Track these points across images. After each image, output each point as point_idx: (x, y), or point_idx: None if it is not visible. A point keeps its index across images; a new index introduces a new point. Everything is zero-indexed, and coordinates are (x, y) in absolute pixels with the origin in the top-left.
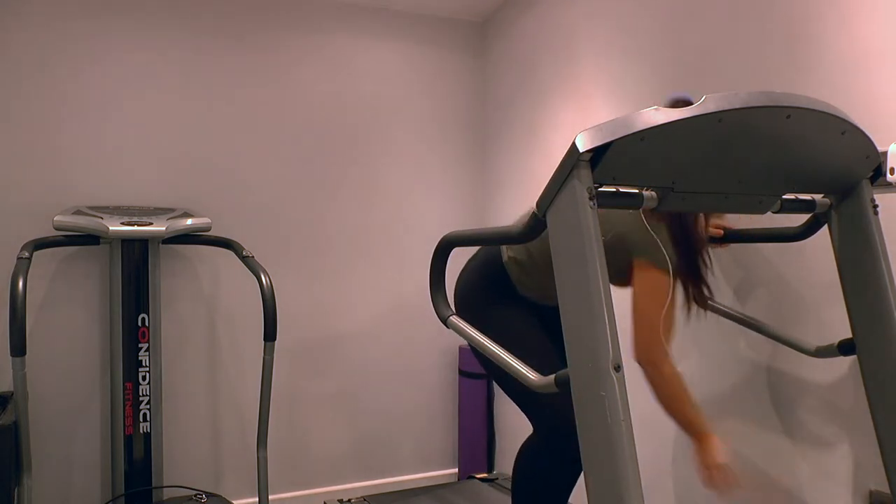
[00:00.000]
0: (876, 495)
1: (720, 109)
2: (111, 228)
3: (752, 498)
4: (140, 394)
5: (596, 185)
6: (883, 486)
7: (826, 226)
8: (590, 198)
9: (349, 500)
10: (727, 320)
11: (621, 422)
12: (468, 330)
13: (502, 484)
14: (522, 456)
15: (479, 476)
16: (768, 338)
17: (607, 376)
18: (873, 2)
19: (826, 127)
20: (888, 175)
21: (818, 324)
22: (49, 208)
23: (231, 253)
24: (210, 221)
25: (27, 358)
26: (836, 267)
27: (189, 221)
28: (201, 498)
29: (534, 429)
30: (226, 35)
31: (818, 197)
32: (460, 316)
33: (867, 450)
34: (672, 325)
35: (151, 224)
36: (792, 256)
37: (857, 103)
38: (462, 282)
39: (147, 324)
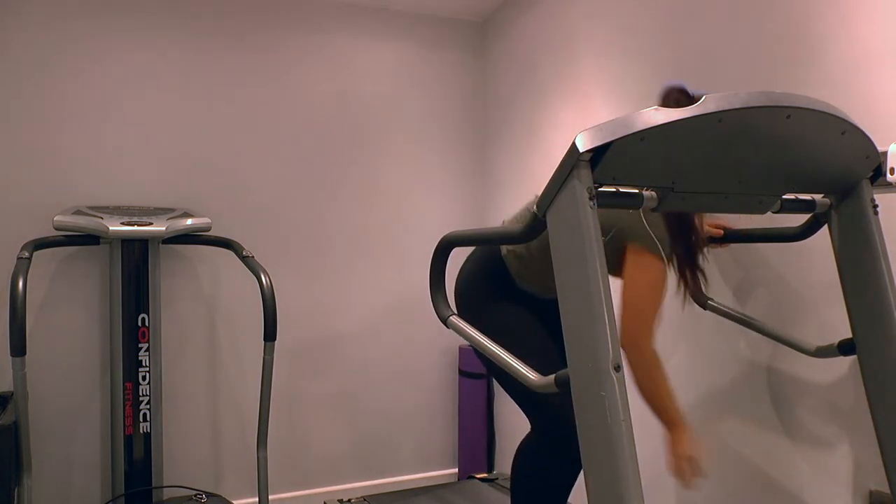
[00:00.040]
0: (876, 495)
1: (720, 109)
2: (111, 228)
3: (753, 498)
4: (140, 394)
5: (596, 185)
6: (883, 486)
7: (826, 226)
8: (590, 198)
9: (349, 500)
10: (727, 320)
11: (621, 422)
12: (468, 330)
13: (502, 484)
14: (521, 455)
15: (479, 476)
16: (768, 338)
17: (607, 376)
18: (873, 2)
19: (826, 127)
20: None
21: (818, 324)
22: (49, 208)
23: (231, 253)
24: (210, 221)
25: (27, 358)
26: (836, 267)
27: (189, 221)
28: (201, 498)
29: (532, 427)
30: (226, 35)
31: (818, 197)
32: (460, 312)
33: (867, 450)
34: (659, 311)
35: (151, 224)
36: (792, 256)
37: (857, 103)
38: (462, 278)
39: (147, 324)
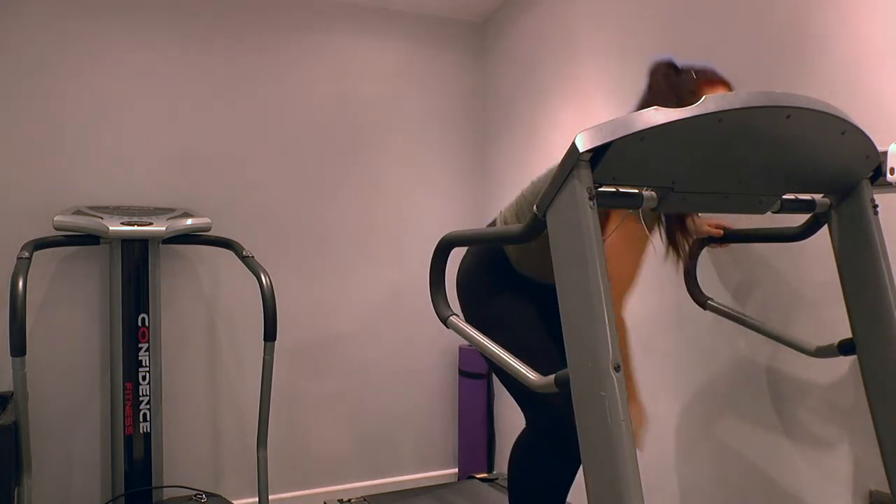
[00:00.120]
0: (876, 495)
1: (720, 109)
2: (111, 228)
3: (753, 498)
4: (140, 394)
5: (596, 185)
6: (883, 486)
7: (826, 226)
8: (590, 198)
9: (349, 500)
10: (727, 320)
11: (621, 422)
12: (468, 330)
13: (502, 484)
14: (517, 454)
15: (479, 476)
16: (768, 338)
17: (607, 376)
18: (874, 1)
19: (826, 127)
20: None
21: (818, 324)
22: (49, 208)
23: (231, 253)
24: (210, 221)
25: (27, 358)
26: (836, 267)
27: (189, 221)
28: (201, 498)
29: (528, 425)
30: (226, 35)
31: (818, 197)
32: (462, 304)
33: (867, 450)
34: (635, 280)
35: (151, 224)
36: (792, 256)
37: (858, 103)
38: (462, 269)
39: (147, 324)
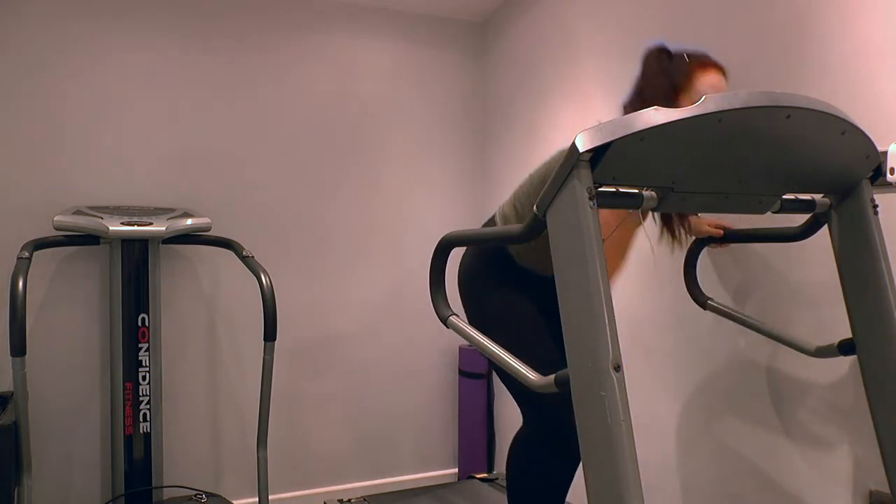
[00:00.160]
0: (876, 495)
1: (720, 109)
2: (111, 228)
3: (753, 498)
4: (140, 394)
5: (596, 185)
6: (883, 486)
7: (826, 226)
8: (590, 198)
9: (349, 500)
10: (727, 320)
11: (621, 422)
12: (468, 330)
13: (502, 484)
14: (515, 453)
15: (479, 476)
16: (768, 338)
17: (607, 376)
18: (874, 1)
19: (826, 127)
20: (888, 175)
21: (818, 324)
22: (49, 208)
23: (231, 253)
24: (210, 221)
25: (27, 358)
26: (836, 267)
27: (189, 221)
28: (201, 498)
29: (525, 423)
30: (226, 35)
31: (818, 197)
32: (462, 299)
33: (867, 450)
34: (621, 266)
35: (151, 224)
36: (792, 256)
37: (858, 103)
38: (463, 264)
39: (147, 324)
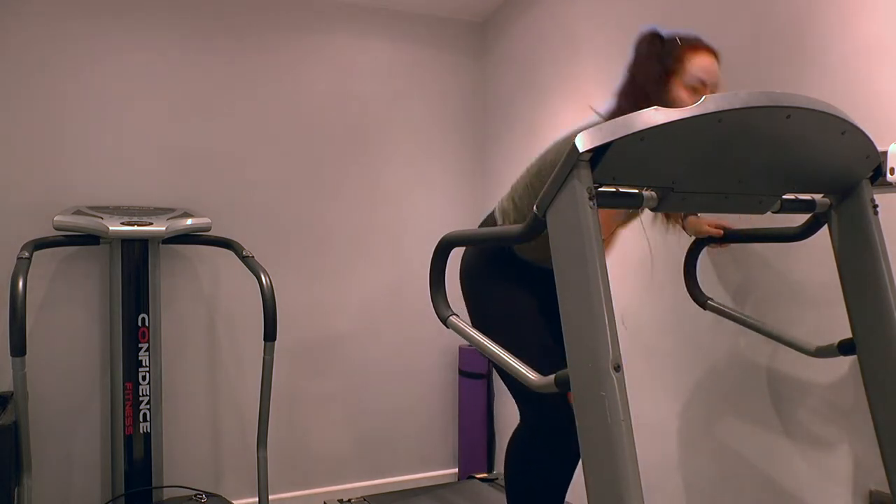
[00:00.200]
0: (876, 495)
1: (720, 109)
2: (111, 228)
3: (753, 498)
4: (140, 394)
5: (596, 185)
6: (883, 486)
7: (826, 226)
8: (590, 198)
9: (349, 500)
10: (727, 320)
11: (621, 422)
12: (468, 330)
13: (502, 484)
14: (512, 451)
15: (479, 476)
16: (768, 338)
17: (607, 376)
18: (874, 1)
19: (826, 127)
20: (888, 175)
21: (818, 324)
22: (49, 208)
23: (231, 253)
24: (210, 221)
25: (27, 358)
26: (836, 267)
27: (189, 221)
28: (201, 498)
29: (522, 420)
30: (226, 35)
31: (818, 197)
32: (464, 293)
33: (867, 450)
34: (608, 234)
35: (151, 224)
36: (792, 256)
37: (858, 103)
38: (465, 259)
39: (147, 324)
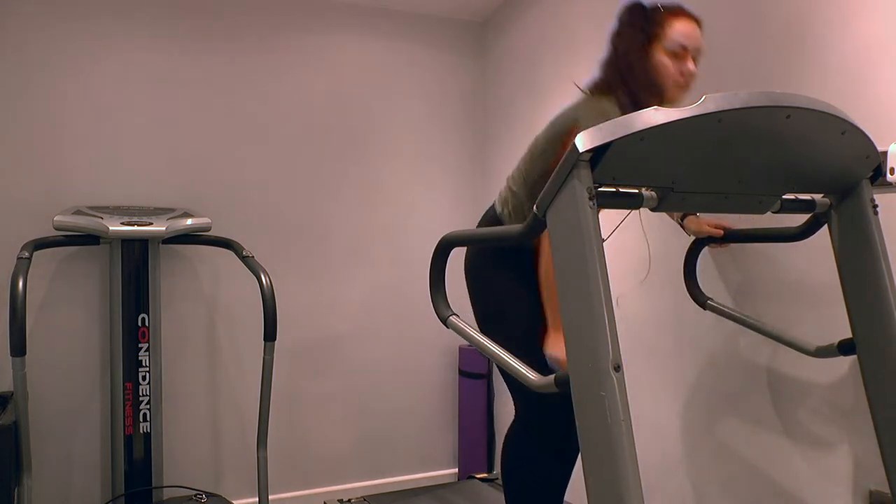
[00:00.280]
0: (876, 495)
1: (720, 109)
2: (111, 228)
3: (752, 498)
4: (140, 394)
5: (596, 185)
6: (883, 486)
7: (826, 226)
8: (590, 198)
9: (349, 500)
10: (727, 320)
11: (621, 422)
12: (468, 330)
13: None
14: (508, 450)
15: (479, 476)
16: (768, 338)
17: (607, 376)
18: (874, 2)
19: (826, 127)
20: (888, 175)
21: (818, 324)
22: (49, 208)
23: (231, 253)
24: (210, 221)
25: (27, 358)
26: (836, 267)
27: (189, 221)
28: (201, 498)
29: (516, 415)
30: (226, 35)
31: (818, 197)
32: (468, 286)
33: (867, 450)
34: None
35: (151, 224)
36: (792, 257)
37: (858, 103)
38: (468, 252)
39: (147, 324)
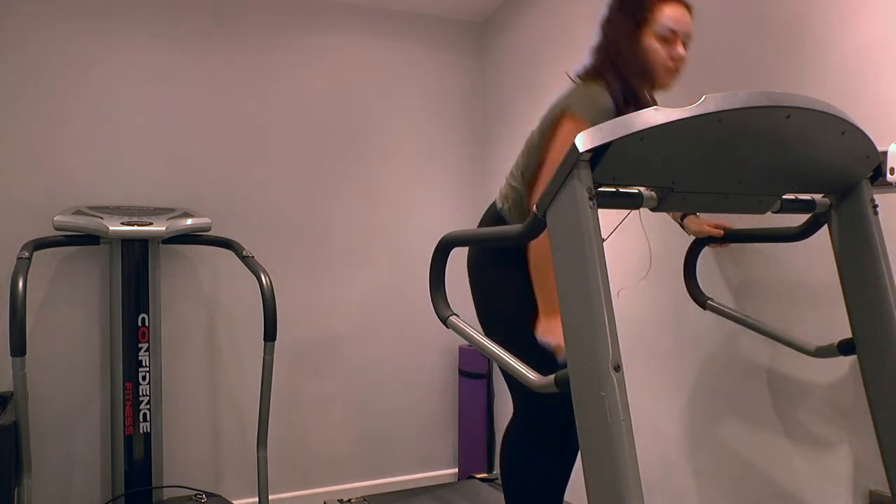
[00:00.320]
0: (876, 495)
1: (720, 109)
2: (111, 228)
3: (752, 498)
4: (140, 394)
5: (596, 185)
6: (883, 486)
7: (826, 226)
8: (590, 198)
9: (349, 500)
10: (727, 320)
11: (621, 422)
12: (468, 330)
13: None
14: (507, 449)
15: (479, 476)
16: (768, 338)
17: (607, 376)
18: (874, 2)
19: (826, 127)
20: (888, 175)
21: (818, 324)
22: (49, 208)
23: (231, 253)
24: (210, 221)
25: (27, 358)
26: (836, 267)
27: (189, 221)
28: (201, 498)
29: (514, 412)
30: (226, 35)
31: (818, 197)
32: (470, 283)
33: (867, 450)
34: None
35: (151, 224)
36: (792, 257)
37: (858, 103)
38: (470, 251)
39: (147, 324)
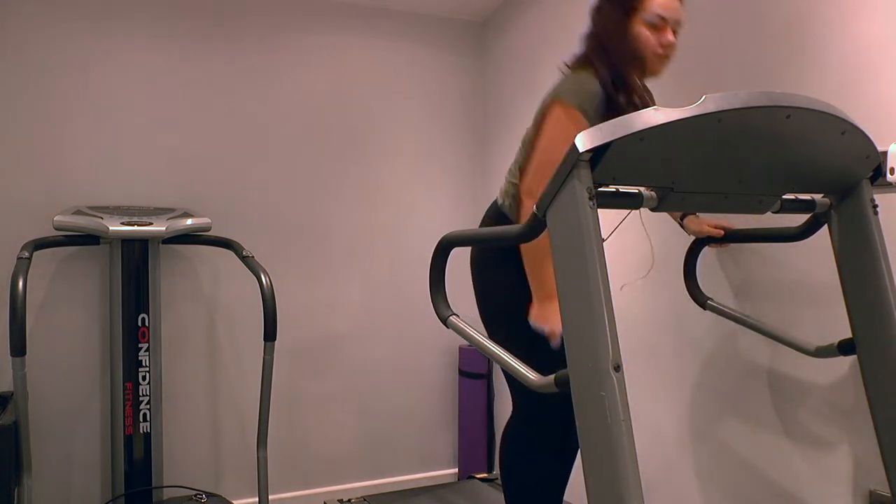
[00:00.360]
0: (876, 495)
1: (720, 109)
2: (111, 228)
3: (752, 498)
4: (140, 394)
5: (596, 185)
6: (883, 486)
7: (826, 226)
8: (589, 198)
9: (349, 500)
10: (727, 320)
11: (621, 422)
12: (468, 330)
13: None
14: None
15: (479, 476)
16: (768, 338)
17: (607, 376)
18: (874, 2)
19: (826, 127)
20: (888, 175)
21: (818, 324)
22: (49, 208)
23: (231, 253)
24: (210, 221)
25: (27, 358)
26: (836, 267)
27: (189, 221)
28: (201, 498)
29: (513, 411)
30: (226, 35)
31: (818, 197)
32: (472, 281)
33: (867, 450)
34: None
35: (151, 224)
36: (792, 257)
37: (858, 103)
38: (472, 249)
39: (147, 324)
